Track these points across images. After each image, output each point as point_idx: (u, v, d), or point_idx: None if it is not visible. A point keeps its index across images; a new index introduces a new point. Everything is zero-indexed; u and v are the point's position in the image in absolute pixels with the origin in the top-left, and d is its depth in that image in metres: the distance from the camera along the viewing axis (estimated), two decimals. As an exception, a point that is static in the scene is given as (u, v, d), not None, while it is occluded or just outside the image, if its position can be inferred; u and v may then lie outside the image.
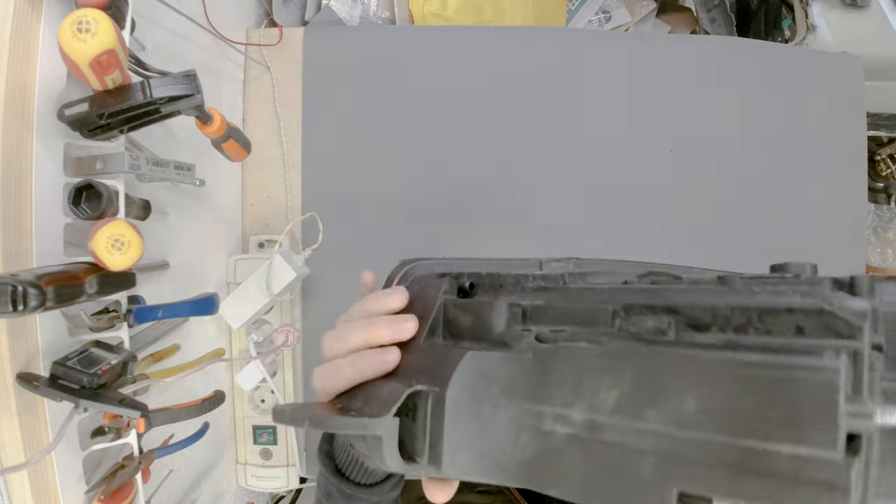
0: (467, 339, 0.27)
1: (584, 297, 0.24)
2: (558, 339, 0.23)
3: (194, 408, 0.52)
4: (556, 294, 0.25)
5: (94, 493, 0.47)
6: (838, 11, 0.98)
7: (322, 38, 0.86)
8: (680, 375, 0.18)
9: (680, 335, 0.19)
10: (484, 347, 0.25)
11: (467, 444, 0.23)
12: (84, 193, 0.45)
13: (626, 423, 0.19)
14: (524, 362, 0.23)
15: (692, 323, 0.19)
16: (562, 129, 0.86)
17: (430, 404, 0.24)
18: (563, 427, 0.21)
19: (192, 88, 0.44)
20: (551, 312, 0.24)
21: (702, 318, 0.19)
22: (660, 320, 0.20)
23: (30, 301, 0.35)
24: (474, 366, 0.24)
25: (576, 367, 0.21)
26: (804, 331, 0.17)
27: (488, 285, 0.29)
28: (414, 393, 0.24)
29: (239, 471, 0.82)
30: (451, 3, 0.92)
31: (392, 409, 0.24)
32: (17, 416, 0.41)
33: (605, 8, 1.08)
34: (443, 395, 0.24)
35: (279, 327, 0.74)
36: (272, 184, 0.85)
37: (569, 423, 0.21)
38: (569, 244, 0.85)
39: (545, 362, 0.22)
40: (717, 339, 0.19)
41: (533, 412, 0.22)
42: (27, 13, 0.41)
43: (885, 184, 1.28)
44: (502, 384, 0.23)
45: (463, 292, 0.30)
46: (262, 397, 0.82)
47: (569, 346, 0.22)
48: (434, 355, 0.27)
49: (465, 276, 0.30)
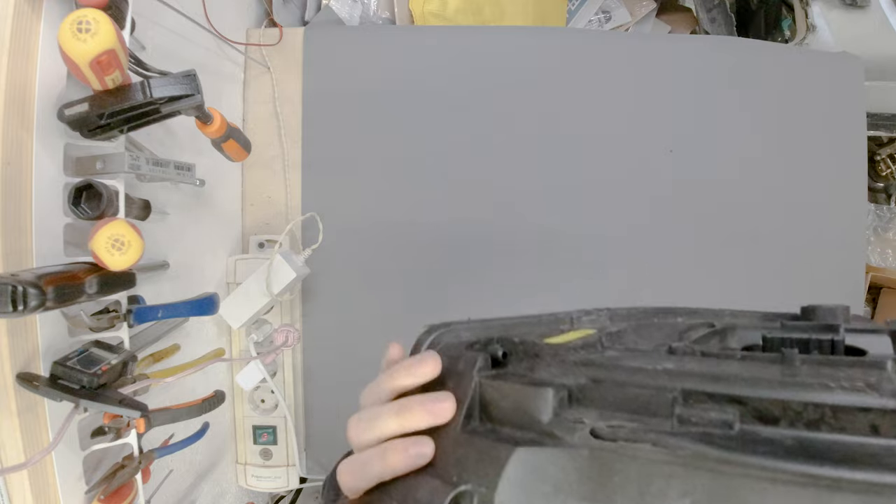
0: (510, 426, 0.24)
1: (636, 379, 0.22)
2: (618, 436, 0.21)
3: (194, 408, 0.52)
4: (602, 371, 0.23)
5: (94, 493, 0.47)
6: (838, 11, 0.98)
7: (322, 38, 0.86)
8: (758, 491, 0.17)
9: (745, 429, 0.18)
10: (531, 438, 0.22)
11: None
12: (84, 193, 0.45)
13: None
14: (579, 459, 0.21)
15: (760, 415, 0.19)
16: (561, 129, 0.86)
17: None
18: None
19: (192, 88, 0.44)
20: (601, 396, 0.23)
21: (770, 411, 0.18)
22: (724, 411, 0.19)
23: (30, 301, 0.35)
24: (524, 461, 0.22)
25: (639, 469, 0.19)
26: (879, 430, 0.17)
27: (522, 353, 0.27)
28: (459, 493, 0.22)
29: (239, 471, 0.82)
30: (451, 3, 0.92)
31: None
32: (17, 416, 0.41)
33: (605, 8, 1.08)
34: (492, 497, 0.21)
35: (279, 327, 0.74)
36: (272, 184, 0.85)
37: None
38: (569, 244, 0.85)
39: (604, 461, 0.20)
40: (787, 435, 0.18)
41: None
42: (27, 13, 0.41)
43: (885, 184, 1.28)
44: (556, 482, 0.21)
45: (496, 362, 0.28)
46: (262, 397, 0.82)
47: (632, 447, 0.20)
48: (475, 446, 0.24)
49: (495, 342, 0.28)
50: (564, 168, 0.86)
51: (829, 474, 0.16)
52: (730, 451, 0.18)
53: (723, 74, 0.89)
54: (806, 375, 0.18)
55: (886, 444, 0.16)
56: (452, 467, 0.24)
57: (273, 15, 0.88)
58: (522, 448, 0.22)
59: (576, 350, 0.26)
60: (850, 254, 0.93)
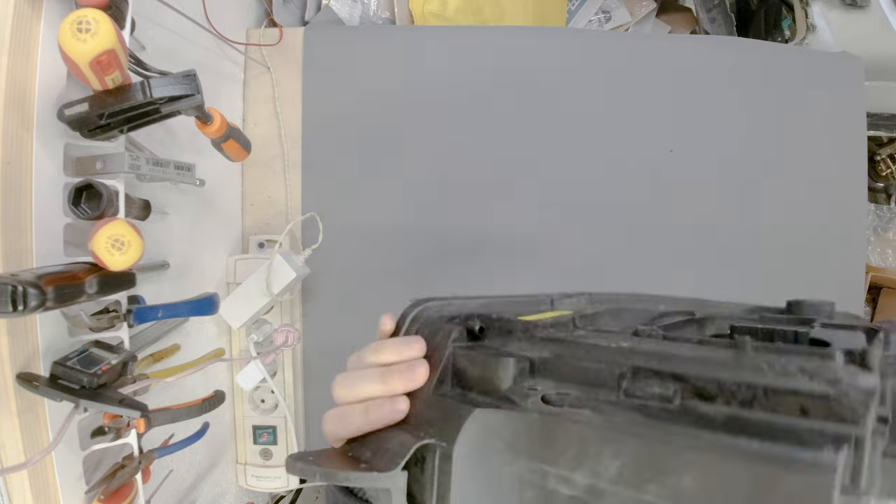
0: (475, 391, 0.27)
1: (593, 354, 0.24)
2: (564, 402, 0.23)
3: (194, 408, 0.52)
4: (565, 347, 0.26)
5: (94, 493, 0.47)
6: (838, 11, 0.98)
7: (322, 38, 0.86)
8: (681, 455, 0.19)
9: (685, 404, 0.20)
10: (491, 402, 0.25)
11: (475, 499, 0.24)
12: (84, 193, 0.45)
13: (626, 492, 0.19)
14: (530, 421, 0.23)
15: (698, 392, 0.20)
16: (561, 129, 0.86)
17: (437, 458, 0.25)
18: (567, 488, 0.21)
19: (192, 88, 0.44)
20: (558, 369, 0.25)
21: (707, 389, 0.20)
22: (666, 387, 0.21)
23: (30, 301, 0.35)
24: (482, 421, 0.24)
25: (580, 433, 0.21)
26: (808, 412, 0.18)
27: (498, 329, 0.30)
28: (423, 445, 0.25)
29: (239, 471, 0.82)
30: (451, 3, 0.92)
31: (401, 463, 0.24)
32: (17, 416, 0.41)
33: (605, 8, 1.08)
34: (450, 451, 0.24)
35: (279, 327, 0.74)
36: (272, 184, 0.85)
37: (572, 485, 0.21)
38: (569, 244, 0.85)
39: (551, 424, 0.23)
40: (721, 411, 0.19)
41: (538, 471, 0.22)
42: (27, 13, 0.41)
43: (885, 184, 1.28)
44: (508, 440, 0.24)
45: (472, 335, 0.31)
46: (262, 397, 0.82)
47: (574, 412, 0.22)
48: (442, 407, 0.27)
49: (475, 318, 0.31)
50: (564, 168, 0.86)
51: (745, 446, 0.17)
52: (657, 420, 0.20)
53: (723, 74, 0.89)
54: (750, 359, 0.20)
55: (810, 426, 0.17)
56: (422, 425, 0.27)
57: (273, 15, 0.88)
58: (481, 410, 0.24)
59: (546, 328, 0.29)
60: (850, 254, 0.93)
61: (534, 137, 0.86)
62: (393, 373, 0.30)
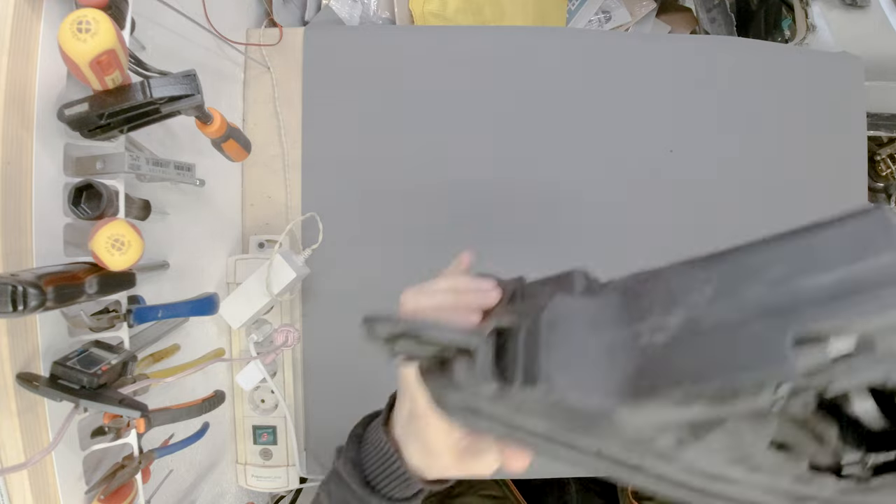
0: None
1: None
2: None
3: (194, 408, 0.52)
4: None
5: (94, 493, 0.47)
6: (838, 11, 0.97)
7: (322, 38, 0.86)
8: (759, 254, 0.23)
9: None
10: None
11: (563, 364, 0.24)
12: (84, 193, 0.45)
13: (724, 304, 0.21)
14: (611, 299, 0.26)
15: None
16: (561, 129, 0.86)
17: (522, 336, 0.26)
18: (662, 336, 0.23)
19: (192, 88, 0.44)
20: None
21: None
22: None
23: (30, 301, 0.35)
24: (564, 305, 0.26)
25: (665, 279, 0.24)
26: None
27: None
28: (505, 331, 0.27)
29: (239, 471, 0.82)
30: (451, 3, 0.92)
31: (490, 326, 0.26)
32: (17, 416, 0.41)
33: (605, 8, 1.08)
34: (537, 323, 0.25)
35: (279, 327, 0.74)
36: (272, 184, 0.85)
37: (666, 330, 0.22)
38: (569, 245, 0.85)
39: (634, 289, 0.25)
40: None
41: (628, 335, 0.24)
42: (27, 13, 0.41)
43: (885, 184, 1.28)
44: (592, 319, 0.25)
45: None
46: (262, 397, 0.82)
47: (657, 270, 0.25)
48: (518, 309, 0.29)
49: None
50: (564, 168, 0.86)
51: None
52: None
53: (723, 74, 0.89)
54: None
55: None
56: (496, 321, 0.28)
57: (273, 15, 0.88)
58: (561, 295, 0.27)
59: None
60: (850, 254, 0.93)
61: (534, 137, 0.86)
62: (468, 286, 0.31)
